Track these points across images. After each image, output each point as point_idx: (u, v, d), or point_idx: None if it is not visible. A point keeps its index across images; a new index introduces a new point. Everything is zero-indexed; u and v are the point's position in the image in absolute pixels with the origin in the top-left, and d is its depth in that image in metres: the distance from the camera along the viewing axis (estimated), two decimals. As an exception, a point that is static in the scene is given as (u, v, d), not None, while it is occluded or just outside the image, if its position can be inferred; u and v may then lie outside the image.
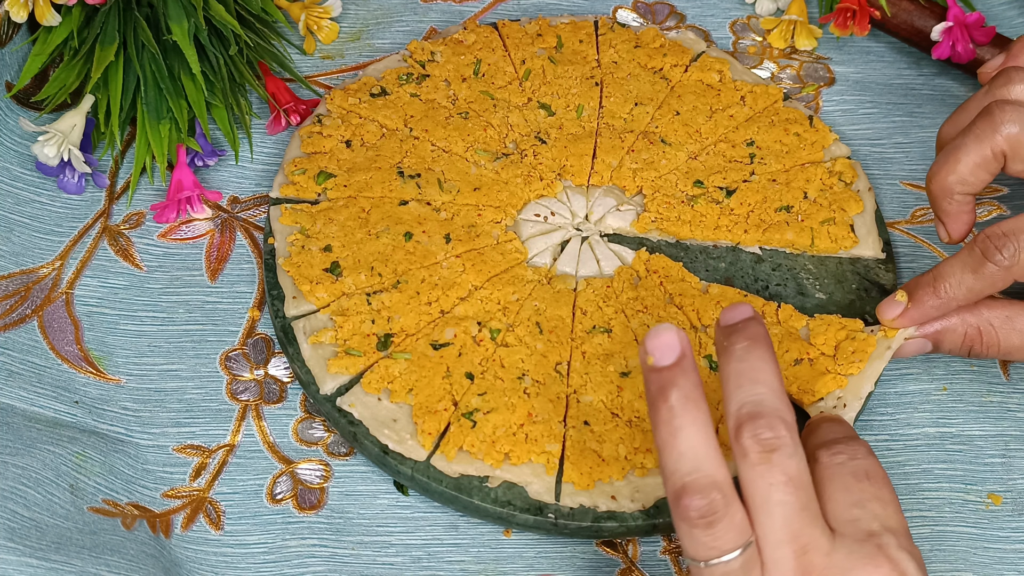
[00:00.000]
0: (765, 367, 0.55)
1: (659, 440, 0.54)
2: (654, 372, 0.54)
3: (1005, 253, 0.64)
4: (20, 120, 0.79)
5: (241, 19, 0.84)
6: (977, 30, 0.84)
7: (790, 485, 0.53)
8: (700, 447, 0.53)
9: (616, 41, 0.85)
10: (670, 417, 0.54)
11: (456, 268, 0.74)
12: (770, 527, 0.53)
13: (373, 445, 0.68)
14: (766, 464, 0.53)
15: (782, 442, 0.53)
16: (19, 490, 0.66)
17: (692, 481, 0.53)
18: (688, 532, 0.53)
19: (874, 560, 0.53)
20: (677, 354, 0.54)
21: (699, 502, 0.52)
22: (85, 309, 0.75)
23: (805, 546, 0.53)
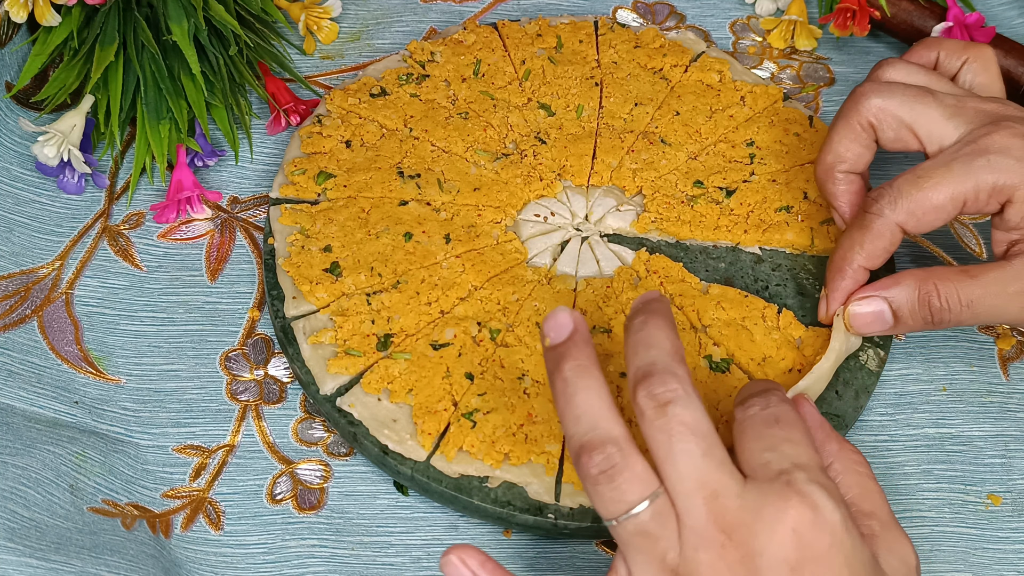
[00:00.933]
0: (659, 333, 0.57)
1: (559, 412, 0.56)
2: (550, 350, 0.57)
3: (883, 201, 0.65)
4: (20, 120, 0.79)
5: (241, 19, 0.84)
6: (977, 30, 0.84)
7: (688, 433, 0.54)
8: (594, 408, 0.55)
9: (616, 41, 0.85)
10: (564, 386, 0.56)
11: (456, 268, 0.74)
12: (676, 477, 0.54)
13: (373, 445, 0.68)
14: (662, 417, 0.54)
15: (675, 394, 0.55)
16: (19, 490, 0.66)
17: (588, 440, 0.54)
18: (593, 491, 0.54)
19: (783, 495, 0.54)
20: (569, 330, 0.56)
21: (597, 456, 0.54)
22: (85, 309, 0.75)
23: (715, 491, 0.54)
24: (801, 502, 0.53)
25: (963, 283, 0.66)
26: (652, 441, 0.54)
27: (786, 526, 0.53)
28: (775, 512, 0.53)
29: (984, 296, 0.66)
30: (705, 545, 0.53)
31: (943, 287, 0.66)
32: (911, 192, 0.65)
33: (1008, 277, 0.66)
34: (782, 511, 0.53)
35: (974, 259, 0.79)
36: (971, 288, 0.66)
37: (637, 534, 0.54)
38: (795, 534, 0.53)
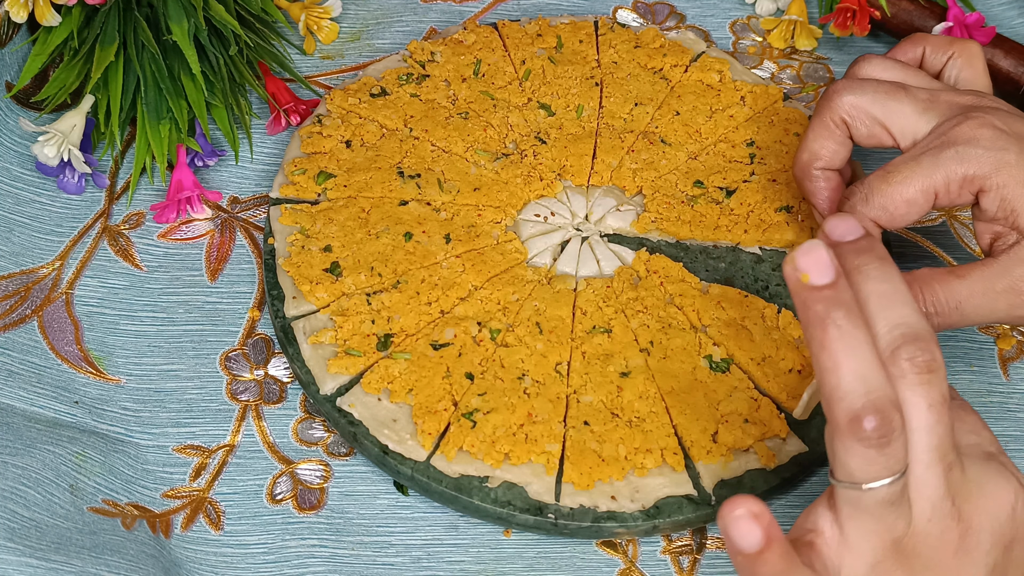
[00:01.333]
0: (903, 288, 0.55)
1: (827, 362, 0.52)
2: (813, 291, 0.52)
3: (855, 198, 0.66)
4: (20, 120, 0.79)
5: (241, 19, 0.84)
6: (977, 30, 0.84)
7: (944, 406, 0.54)
8: (875, 367, 0.52)
9: (616, 41, 0.85)
10: (840, 335, 0.52)
11: (456, 268, 0.74)
12: (924, 447, 0.53)
13: (373, 445, 0.68)
14: (926, 385, 0.53)
15: (938, 363, 0.54)
16: (19, 490, 0.66)
17: (872, 401, 0.52)
18: (862, 452, 0.52)
19: (1003, 475, 0.55)
20: (834, 273, 0.52)
21: (880, 420, 0.52)
22: (85, 309, 0.75)
23: (950, 464, 0.54)
24: (1019, 483, 0.56)
25: (949, 284, 0.65)
26: (909, 405, 0.53)
27: (1007, 506, 0.55)
28: (997, 491, 0.55)
29: (971, 296, 0.65)
30: (938, 516, 0.54)
31: (928, 291, 0.65)
32: (881, 188, 0.65)
33: (994, 275, 0.65)
34: (1004, 489, 0.55)
35: (974, 258, 0.79)
36: (958, 289, 0.65)
37: (883, 503, 0.53)
38: (1012, 512, 0.55)
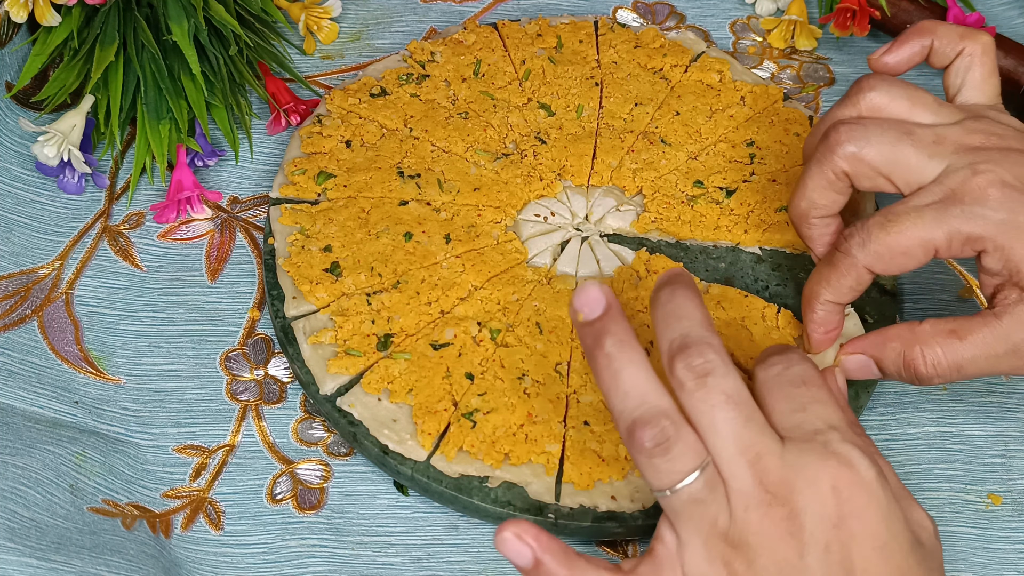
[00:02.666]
0: (688, 304, 0.57)
1: (603, 387, 0.56)
2: (586, 326, 0.57)
3: (852, 242, 0.64)
4: (20, 120, 0.79)
5: (241, 19, 0.84)
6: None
7: (730, 402, 0.56)
8: (642, 383, 0.56)
9: (616, 41, 0.85)
10: (608, 362, 0.56)
11: (456, 268, 0.74)
12: (721, 445, 0.55)
13: (373, 445, 0.68)
14: (703, 389, 0.55)
15: (713, 365, 0.56)
16: (19, 490, 0.66)
17: (640, 415, 0.55)
18: (648, 463, 0.55)
19: (821, 455, 0.56)
20: (604, 305, 0.56)
21: (651, 431, 0.55)
22: (85, 309, 0.75)
23: (759, 454, 0.55)
24: (839, 462, 0.56)
25: (950, 347, 0.65)
26: (694, 411, 0.56)
27: (826, 484, 0.55)
28: (815, 471, 0.55)
29: (974, 360, 0.65)
30: (754, 505, 0.55)
31: (929, 353, 0.65)
32: (880, 236, 0.63)
33: (996, 340, 0.64)
34: (821, 470, 0.55)
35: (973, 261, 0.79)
36: (959, 352, 0.65)
37: (690, 502, 0.55)
38: (835, 491, 0.55)
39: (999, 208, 0.62)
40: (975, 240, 0.63)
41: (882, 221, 0.64)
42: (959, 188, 0.63)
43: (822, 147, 0.66)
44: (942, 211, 0.63)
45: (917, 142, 0.64)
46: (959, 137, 0.65)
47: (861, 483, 0.56)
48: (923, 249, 0.63)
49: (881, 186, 0.65)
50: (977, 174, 0.63)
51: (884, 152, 0.64)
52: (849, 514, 0.55)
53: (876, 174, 0.65)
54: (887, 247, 0.63)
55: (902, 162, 0.64)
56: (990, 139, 0.65)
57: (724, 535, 0.55)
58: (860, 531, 0.55)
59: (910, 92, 0.66)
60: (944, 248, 0.63)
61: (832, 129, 0.66)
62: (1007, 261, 0.63)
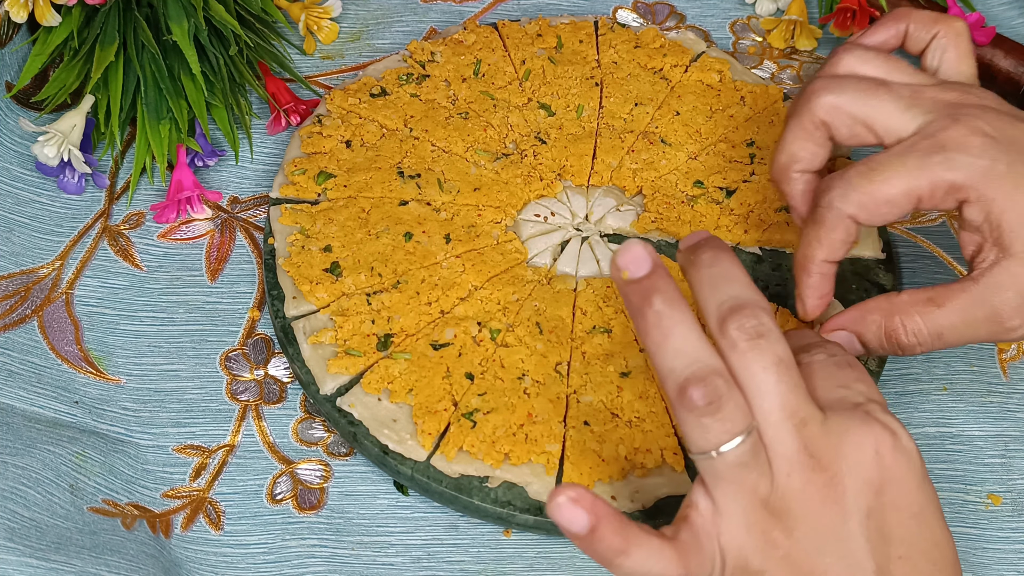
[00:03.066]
0: (735, 268, 0.57)
1: (651, 345, 0.55)
2: (632, 284, 0.55)
3: (833, 194, 0.64)
4: (20, 120, 0.79)
5: (241, 19, 0.84)
6: (977, 30, 0.84)
7: (781, 366, 0.55)
8: (694, 341, 0.55)
9: (616, 41, 0.85)
10: (658, 320, 0.55)
11: (456, 268, 0.74)
12: (768, 408, 0.55)
13: (373, 445, 0.68)
14: (756, 351, 0.55)
15: (767, 327, 0.55)
16: (19, 490, 0.66)
17: (693, 372, 0.54)
18: (696, 423, 0.54)
19: (865, 421, 0.56)
20: (651, 264, 0.55)
21: (704, 389, 0.54)
22: (85, 309, 0.75)
23: (804, 419, 0.55)
24: (882, 428, 0.56)
25: (929, 315, 0.65)
26: (744, 372, 0.55)
27: (870, 448, 0.55)
28: (858, 436, 0.55)
29: (953, 327, 0.65)
30: (797, 470, 0.55)
31: (909, 322, 0.65)
32: (862, 184, 0.63)
33: (975, 304, 0.64)
34: (865, 435, 0.55)
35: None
36: (938, 320, 0.65)
37: (736, 465, 0.54)
38: (878, 456, 0.55)
39: (981, 155, 0.63)
40: (958, 188, 0.63)
41: (864, 170, 0.64)
42: (940, 136, 0.63)
43: (799, 100, 0.66)
44: (924, 159, 0.63)
45: (894, 93, 0.65)
46: (935, 94, 0.65)
47: (903, 450, 0.56)
48: (907, 197, 0.63)
49: (860, 135, 0.65)
50: (959, 122, 0.63)
51: (860, 99, 0.65)
52: (890, 480, 0.55)
53: (854, 122, 0.65)
54: (870, 196, 0.63)
55: (879, 110, 0.64)
56: (966, 97, 0.65)
57: (765, 502, 0.55)
58: (899, 498, 0.55)
59: (886, 58, 0.67)
60: (927, 197, 0.63)
61: (808, 84, 0.66)
62: (988, 213, 0.63)
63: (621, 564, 0.54)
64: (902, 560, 0.55)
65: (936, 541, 0.56)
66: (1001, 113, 0.65)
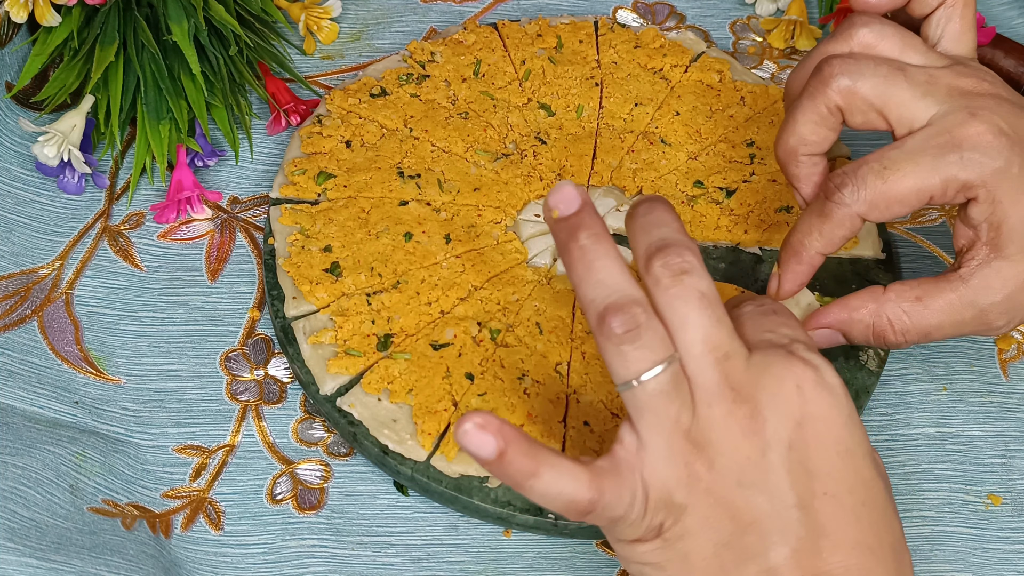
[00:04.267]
0: (667, 215, 0.57)
1: (575, 277, 0.56)
2: (560, 222, 0.56)
3: (845, 191, 0.64)
4: (20, 120, 0.79)
5: (241, 19, 0.84)
6: (977, 30, 0.84)
7: (704, 300, 0.55)
8: (616, 273, 0.55)
9: (616, 41, 0.85)
10: (582, 254, 0.56)
11: (456, 268, 0.74)
12: (690, 341, 0.55)
13: (373, 445, 0.68)
14: (679, 286, 0.55)
15: (692, 265, 0.55)
16: (19, 490, 0.66)
17: (613, 301, 0.55)
18: (616, 351, 0.55)
19: (787, 358, 0.56)
20: (579, 202, 0.56)
21: (622, 316, 0.54)
22: (85, 309, 0.75)
23: (726, 354, 0.55)
24: (804, 364, 0.55)
25: (917, 314, 0.65)
26: (667, 308, 0.55)
27: (791, 383, 0.55)
28: (780, 371, 0.55)
29: (940, 326, 0.65)
30: (718, 401, 0.55)
31: (897, 322, 0.65)
32: (876, 184, 0.63)
33: (963, 305, 0.65)
34: (786, 370, 0.55)
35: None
36: (926, 319, 0.65)
37: (656, 394, 0.54)
38: (799, 390, 0.55)
39: (996, 156, 0.62)
40: (969, 188, 0.63)
41: (878, 168, 0.63)
42: (956, 133, 0.63)
43: (814, 81, 0.65)
44: (939, 157, 0.62)
45: (910, 79, 0.64)
46: (951, 80, 0.65)
47: (825, 386, 0.55)
48: (918, 196, 0.63)
49: (873, 122, 0.65)
50: (974, 118, 0.63)
51: (878, 86, 0.64)
52: (812, 415, 0.55)
53: (869, 108, 0.64)
54: (882, 195, 0.63)
55: (895, 97, 0.64)
56: (980, 85, 0.65)
57: (686, 433, 0.55)
58: (823, 433, 0.55)
59: (901, 33, 0.66)
60: (939, 195, 0.63)
61: (825, 63, 0.65)
62: (992, 213, 0.63)
63: (533, 486, 0.54)
64: (827, 496, 0.54)
65: (864, 480, 0.55)
66: (1013, 105, 0.64)
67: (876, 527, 0.55)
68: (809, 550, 0.54)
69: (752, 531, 0.54)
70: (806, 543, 0.54)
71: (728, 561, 0.54)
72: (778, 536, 0.54)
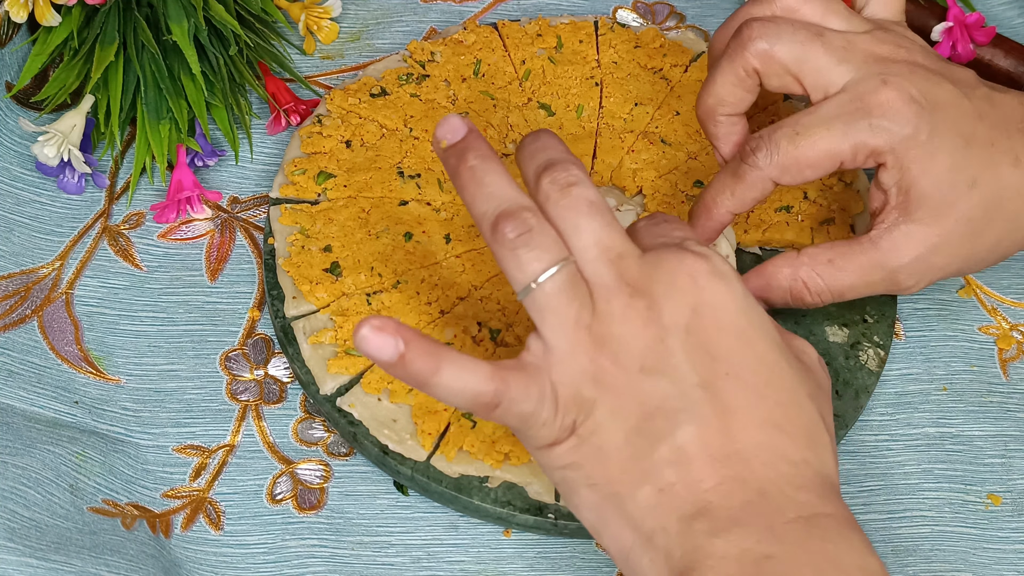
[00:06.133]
0: (552, 140, 0.59)
1: (467, 197, 0.58)
2: (449, 149, 0.59)
3: (759, 155, 0.66)
4: (20, 120, 0.79)
5: (241, 19, 0.84)
6: (977, 30, 0.84)
7: (593, 207, 0.57)
8: (505, 185, 0.57)
9: (616, 41, 0.85)
10: (472, 174, 0.58)
11: (456, 268, 0.74)
12: (583, 245, 0.56)
13: (373, 445, 0.68)
14: (567, 198, 0.57)
15: (578, 178, 0.57)
16: (19, 490, 0.66)
17: (504, 209, 0.56)
18: (511, 256, 0.56)
19: (679, 252, 0.57)
20: (465, 130, 0.58)
21: (513, 222, 0.56)
22: (85, 309, 0.75)
23: (620, 254, 0.57)
24: (695, 256, 0.57)
25: (831, 276, 0.68)
26: (558, 219, 0.57)
27: (684, 274, 0.56)
28: (673, 264, 0.56)
29: (853, 286, 0.68)
30: (615, 296, 0.56)
31: (812, 284, 0.68)
32: (788, 149, 0.65)
33: (873, 267, 0.67)
34: (679, 263, 0.56)
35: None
36: (840, 280, 0.68)
37: (555, 294, 0.56)
38: (692, 280, 0.56)
39: (905, 124, 0.64)
40: (879, 154, 0.65)
41: (790, 134, 0.65)
42: (867, 100, 0.65)
43: (734, 43, 0.67)
44: (850, 124, 0.65)
45: (827, 45, 0.66)
46: (868, 46, 0.66)
47: (718, 273, 0.56)
48: (829, 161, 0.65)
49: (789, 86, 0.67)
50: (886, 85, 0.65)
51: (795, 51, 0.66)
52: (707, 302, 0.56)
53: (785, 73, 0.66)
54: (794, 159, 0.65)
55: (811, 63, 0.66)
56: (898, 51, 0.67)
57: (588, 329, 0.56)
58: (720, 318, 0.56)
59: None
60: (849, 160, 0.65)
61: (745, 26, 0.67)
62: (901, 179, 0.65)
63: (436, 384, 0.55)
64: (729, 377, 0.55)
65: (767, 362, 0.56)
66: (929, 72, 0.66)
67: (784, 407, 0.56)
68: (717, 428, 0.55)
69: (659, 415, 0.55)
70: (713, 421, 0.55)
71: (640, 447, 0.55)
72: (684, 415, 0.55)
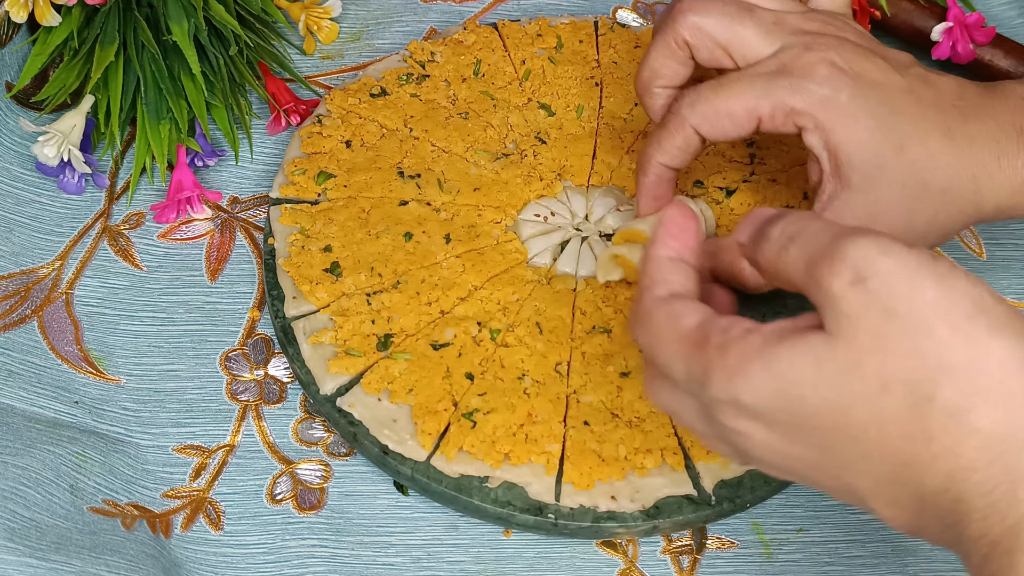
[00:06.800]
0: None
1: None
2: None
3: (683, 102, 0.67)
4: (20, 120, 0.79)
5: (241, 19, 0.84)
6: (977, 30, 0.84)
7: None
8: None
9: (616, 41, 0.85)
10: None
11: (456, 268, 0.74)
12: None
13: (373, 445, 0.68)
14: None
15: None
16: (19, 490, 0.66)
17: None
18: None
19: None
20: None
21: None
22: (85, 309, 0.75)
23: None
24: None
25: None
26: None
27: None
28: None
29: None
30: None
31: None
32: (709, 97, 0.66)
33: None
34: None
35: (974, 258, 0.79)
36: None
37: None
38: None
39: (824, 84, 0.65)
40: (797, 114, 0.66)
41: (714, 84, 0.67)
42: (790, 63, 0.66)
43: (666, 16, 0.69)
44: (771, 81, 0.66)
45: (757, 19, 0.68)
46: (798, 22, 0.68)
47: None
48: (748, 115, 0.66)
49: (719, 59, 0.68)
50: (809, 51, 0.66)
51: (723, 24, 0.67)
52: None
53: (715, 45, 0.68)
54: (713, 108, 0.66)
55: (740, 36, 0.67)
56: (827, 28, 0.68)
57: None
58: None
59: None
60: (767, 118, 0.66)
61: (675, 2, 0.69)
62: (826, 142, 0.66)
63: None
64: None
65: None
66: (857, 47, 0.67)
67: None
68: None
69: None
70: None
71: None
72: None
